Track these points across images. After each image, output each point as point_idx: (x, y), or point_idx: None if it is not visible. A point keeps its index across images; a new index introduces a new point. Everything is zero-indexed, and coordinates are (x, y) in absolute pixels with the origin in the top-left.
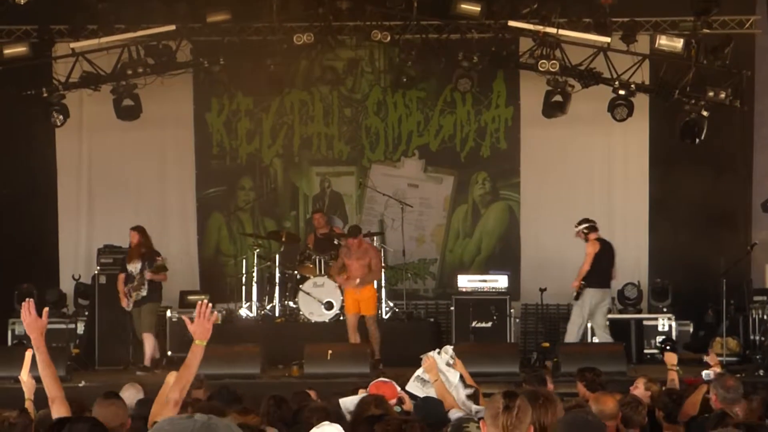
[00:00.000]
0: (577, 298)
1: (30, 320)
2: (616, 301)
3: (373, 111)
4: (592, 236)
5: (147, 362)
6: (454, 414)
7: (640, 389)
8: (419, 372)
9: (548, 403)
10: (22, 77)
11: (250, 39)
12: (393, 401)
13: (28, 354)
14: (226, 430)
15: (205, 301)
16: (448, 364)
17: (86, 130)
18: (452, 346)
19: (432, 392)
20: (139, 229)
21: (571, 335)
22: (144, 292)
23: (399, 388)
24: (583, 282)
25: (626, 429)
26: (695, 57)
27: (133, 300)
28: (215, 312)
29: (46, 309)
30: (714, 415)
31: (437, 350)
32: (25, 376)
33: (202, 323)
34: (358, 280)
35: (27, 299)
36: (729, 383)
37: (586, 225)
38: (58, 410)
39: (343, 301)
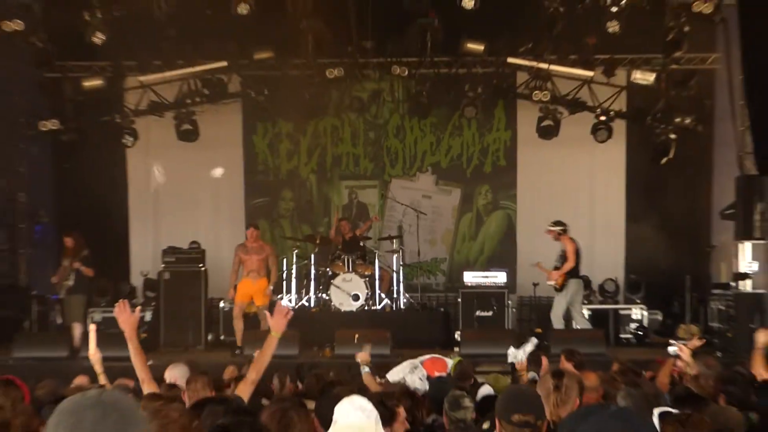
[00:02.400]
0: (561, 289)
1: (125, 316)
2: (596, 293)
3: (393, 134)
4: (566, 236)
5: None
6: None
7: (616, 369)
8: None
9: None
10: (99, 106)
11: (290, 73)
12: (444, 373)
13: (93, 329)
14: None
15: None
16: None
17: (152, 150)
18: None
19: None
20: (73, 235)
21: (557, 322)
22: (71, 282)
23: (449, 363)
24: (566, 276)
25: (606, 402)
26: (665, 88)
27: (64, 289)
28: (291, 311)
29: (139, 307)
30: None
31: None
32: (92, 350)
33: (279, 319)
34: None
35: (121, 300)
36: (710, 362)
37: (562, 227)
38: (148, 388)
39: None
